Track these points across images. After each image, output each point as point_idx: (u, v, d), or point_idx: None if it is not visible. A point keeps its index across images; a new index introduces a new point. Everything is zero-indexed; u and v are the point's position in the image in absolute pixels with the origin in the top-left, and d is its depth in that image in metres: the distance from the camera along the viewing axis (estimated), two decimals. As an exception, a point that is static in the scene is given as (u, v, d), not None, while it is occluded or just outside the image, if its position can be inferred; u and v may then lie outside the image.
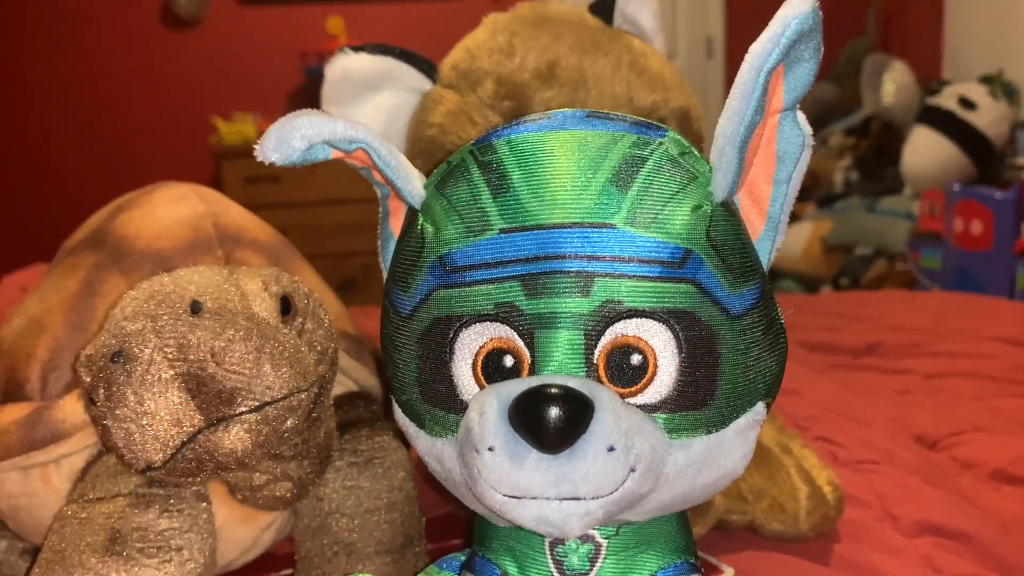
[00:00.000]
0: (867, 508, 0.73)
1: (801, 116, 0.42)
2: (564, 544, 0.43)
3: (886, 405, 1.03)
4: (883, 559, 0.66)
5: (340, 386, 0.66)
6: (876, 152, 2.74)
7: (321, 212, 2.66)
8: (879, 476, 0.79)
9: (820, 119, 2.96)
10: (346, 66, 0.68)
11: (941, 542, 0.68)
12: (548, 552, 0.43)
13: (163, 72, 3.02)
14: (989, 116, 2.32)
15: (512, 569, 0.45)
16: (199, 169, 2.93)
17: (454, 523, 0.72)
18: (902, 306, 1.47)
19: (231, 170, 2.69)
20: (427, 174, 0.47)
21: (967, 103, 2.35)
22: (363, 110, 0.69)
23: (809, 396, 0.98)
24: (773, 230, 0.44)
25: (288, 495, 0.56)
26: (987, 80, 2.43)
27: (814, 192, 2.83)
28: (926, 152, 2.38)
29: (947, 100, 2.39)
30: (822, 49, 0.39)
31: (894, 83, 2.63)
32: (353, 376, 0.66)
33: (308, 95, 2.97)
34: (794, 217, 2.74)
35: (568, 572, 0.43)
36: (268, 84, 3.02)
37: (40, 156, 3.00)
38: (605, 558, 0.43)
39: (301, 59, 2.97)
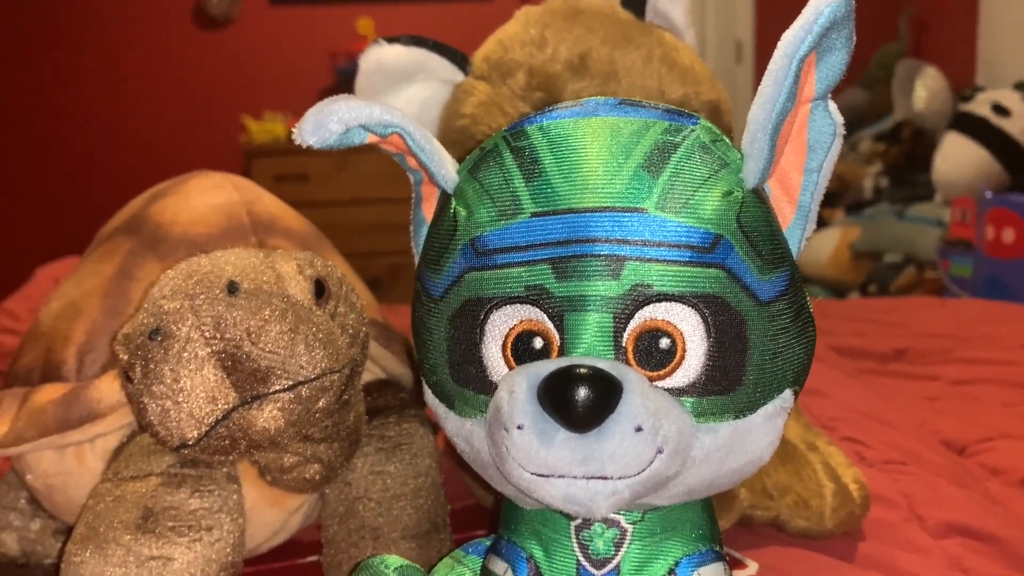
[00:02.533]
0: (894, 508, 0.72)
1: (832, 106, 0.42)
2: (590, 529, 0.43)
3: (914, 411, 1.02)
4: (909, 559, 0.65)
5: (369, 373, 0.67)
6: (907, 158, 2.71)
7: (348, 211, 2.68)
8: (906, 477, 0.78)
9: (850, 124, 2.90)
10: (380, 57, 0.69)
11: (968, 543, 0.68)
12: (574, 536, 0.44)
13: (195, 71, 3.07)
14: (1023, 123, 2.29)
15: (538, 552, 0.45)
16: (229, 167, 2.93)
17: (479, 514, 0.73)
18: (931, 312, 1.46)
19: (260, 168, 2.72)
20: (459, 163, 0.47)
21: (1001, 110, 2.32)
22: (396, 101, 0.70)
23: (836, 397, 0.98)
24: (803, 219, 0.44)
25: (317, 477, 0.57)
26: (1021, 86, 2.40)
27: (843, 198, 2.80)
28: (958, 159, 2.36)
29: (980, 106, 2.36)
30: (854, 38, 0.39)
31: (926, 89, 2.61)
32: (382, 364, 0.67)
33: (338, 95, 2.99)
34: (823, 223, 2.72)
35: (593, 556, 0.43)
36: (298, 84, 3.05)
37: (73, 153, 3.05)
38: (630, 543, 0.43)
39: (331, 59, 2.99)
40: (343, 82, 2.86)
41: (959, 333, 1.32)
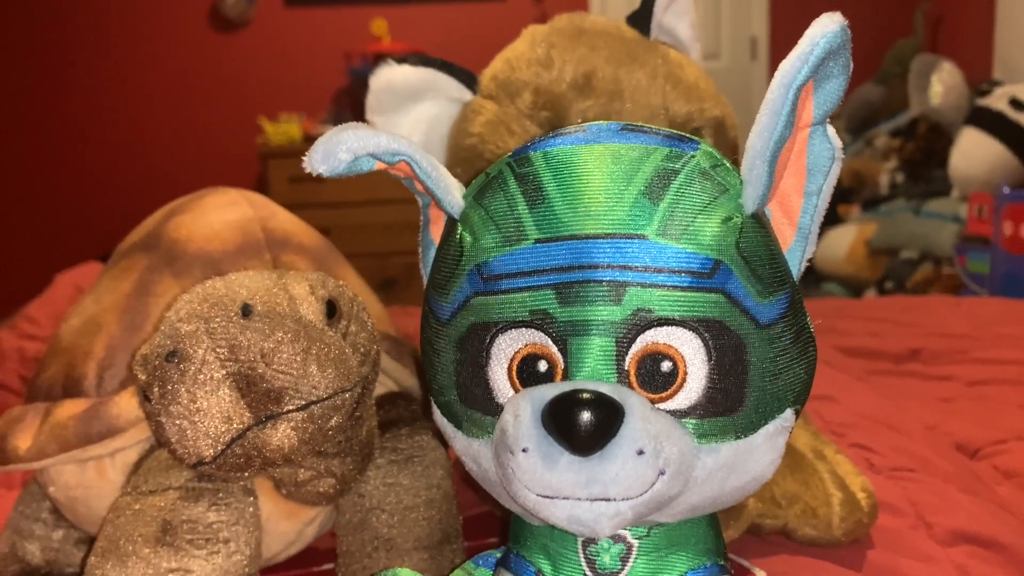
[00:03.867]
0: (901, 516, 0.73)
1: (831, 130, 0.43)
2: (596, 544, 0.44)
3: (927, 412, 1.02)
4: (916, 567, 0.66)
5: (381, 386, 0.68)
6: (923, 154, 2.69)
7: (364, 212, 2.70)
8: (914, 484, 0.78)
9: (866, 120, 2.92)
10: (389, 77, 0.70)
11: (976, 551, 0.68)
12: (581, 551, 0.45)
13: (211, 73, 3.09)
14: (1040, 118, 2.27)
15: (546, 567, 0.46)
16: (245, 169, 2.99)
17: (490, 522, 0.74)
18: (946, 311, 1.46)
19: (276, 169, 2.74)
20: (466, 182, 0.48)
21: (1018, 104, 2.31)
22: (405, 119, 0.71)
23: (846, 403, 0.98)
24: (803, 241, 0.45)
25: (331, 491, 0.58)
26: (1039, 81, 2.38)
27: (859, 194, 2.79)
28: (975, 154, 2.34)
29: (997, 101, 2.34)
30: (851, 65, 0.40)
31: (942, 84, 2.59)
32: (394, 377, 0.68)
33: (352, 96, 3.01)
34: (839, 219, 2.71)
35: (600, 571, 0.44)
36: (313, 85, 3.08)
37: (91, 156, 3.08)
38: (636, 558, 0.44)
39: (346, 60, 3.01)
40: (357, 83, 2.87)
41: (974, 333, 1.31)
